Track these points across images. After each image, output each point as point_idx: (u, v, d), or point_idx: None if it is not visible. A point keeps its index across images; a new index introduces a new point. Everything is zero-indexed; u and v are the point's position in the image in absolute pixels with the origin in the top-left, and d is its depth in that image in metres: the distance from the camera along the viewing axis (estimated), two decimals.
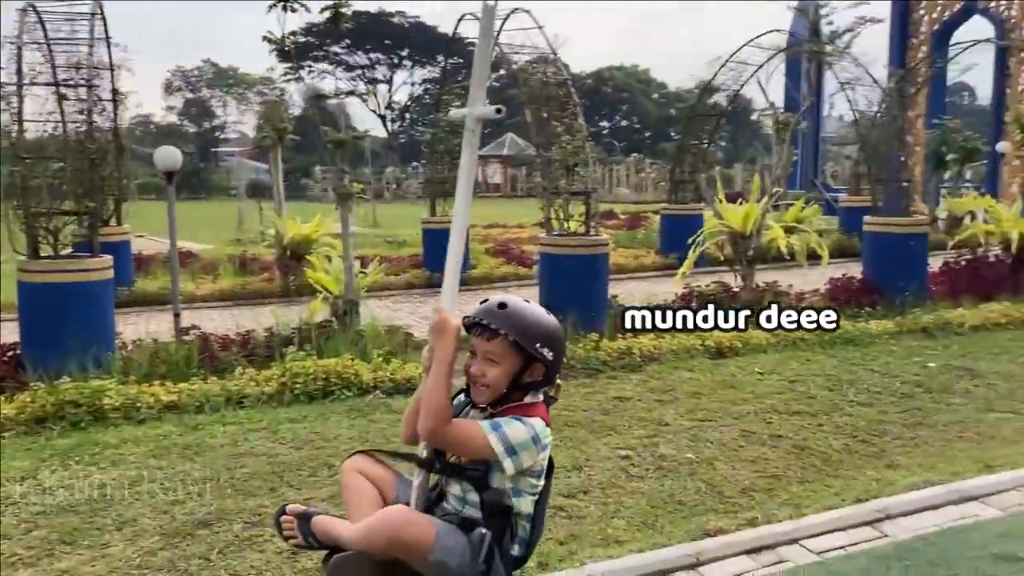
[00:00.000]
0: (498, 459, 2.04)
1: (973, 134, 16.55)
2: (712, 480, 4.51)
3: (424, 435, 2.10)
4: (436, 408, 2.05)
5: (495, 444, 2.03)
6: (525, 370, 2.16)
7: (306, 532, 2.21)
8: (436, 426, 2.05)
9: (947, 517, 3.57)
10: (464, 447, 2.07)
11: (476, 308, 2.25)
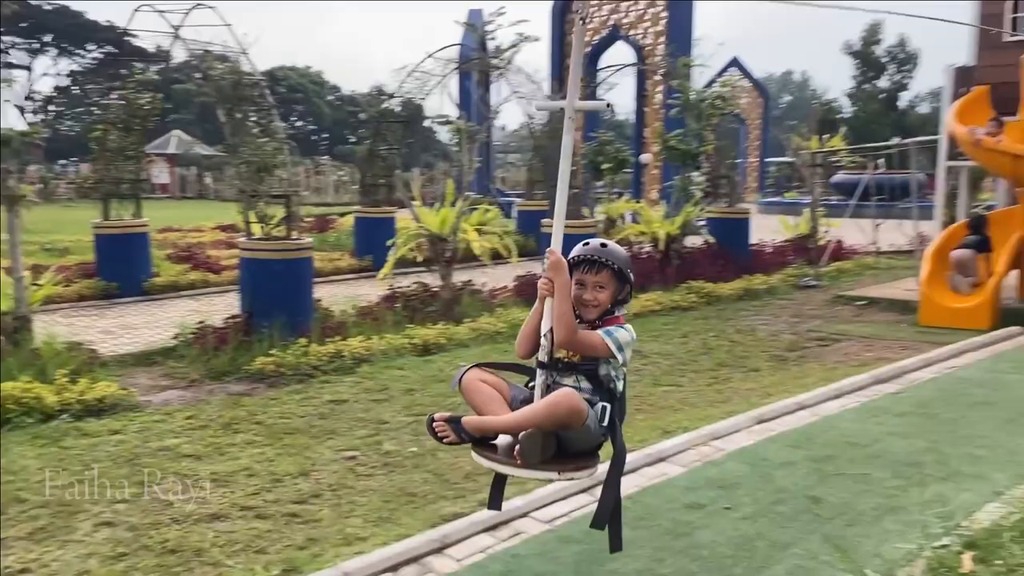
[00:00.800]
0: (613, 355, 2.71)
1: (622, 146, 18.77)
2: (438, 470, 4.75)
3: (561, 343, 2.71)
4: (568, 322, 2.70)
5: (611, 345, 2.70)
6: (621, 292, 2.83)
7: (458, 431, 2.72)
8: (570, 335, 2.69)
9: (645, 478, 4.14)
10: (589, 349, 2.72)
11: (579, 250, 2.84)
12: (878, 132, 43.65)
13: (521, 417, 2.66)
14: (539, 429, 2.59)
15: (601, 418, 2.70)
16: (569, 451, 2.68)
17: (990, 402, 5.33)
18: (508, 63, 14.56)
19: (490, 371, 2.90)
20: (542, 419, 2.60)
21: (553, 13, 23.95)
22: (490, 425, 2.74)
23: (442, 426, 2.77)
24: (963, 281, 9.12)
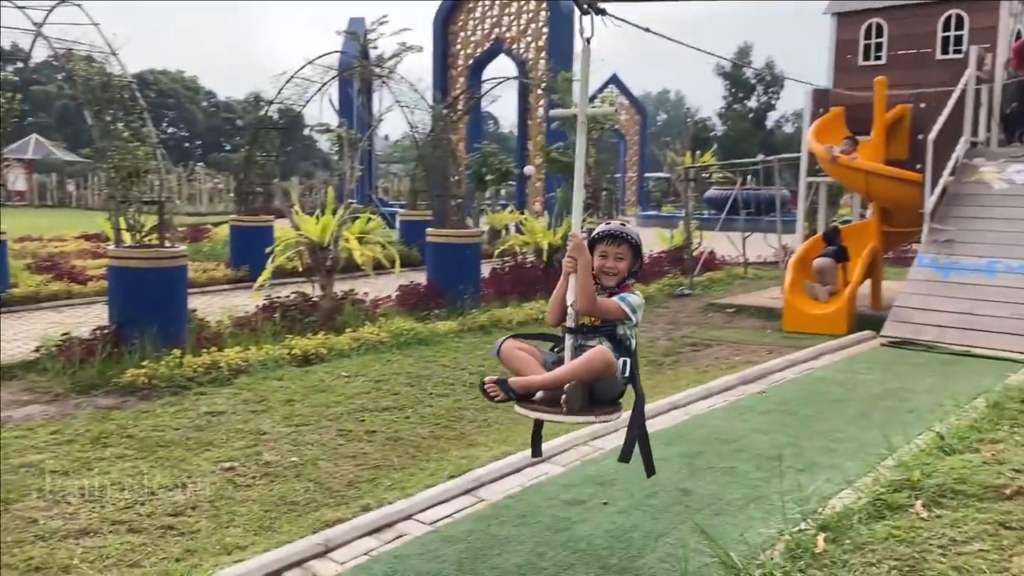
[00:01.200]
0: (628, 317, 3.23)
1: (506, 157, 19.07)
2: (319, 479, 4.70)
3: (583, 310, 3.22)
4: (589, 292, 3.20)
5: (626, 308, 3.22)
6: (635, 263, 3.36)
7: (506, 389, 3.14)
8: (591, 303, 3.20)
9: (527, 477, 4.24)
10: (608, 313, 3.22)
11: (603, 228, 3.37)
12: (747, 150, 45.94)
13: (562, 373, 3.14)
14: (579, 381, 3.07)
15: (623, 371, 3.20)
16: (598, 400, 3.19)
17: (844, 399, 5.72)
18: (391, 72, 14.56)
19: (522, 340, 3.41)
20: (581, 373, 3.10)
21: (435, 24, 24.06)
22: (534, 382, 3.19)
23: (492, 387, 3.19)
24: (822, 289, 9.73)
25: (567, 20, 21.31)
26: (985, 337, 7.80)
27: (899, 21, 10.94)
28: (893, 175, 9.72)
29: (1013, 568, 2.88)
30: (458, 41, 23.93)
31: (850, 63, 11.37)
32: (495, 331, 9.24)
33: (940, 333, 8.07)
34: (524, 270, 11.60)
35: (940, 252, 8.88)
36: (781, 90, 51.95)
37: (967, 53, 10.11)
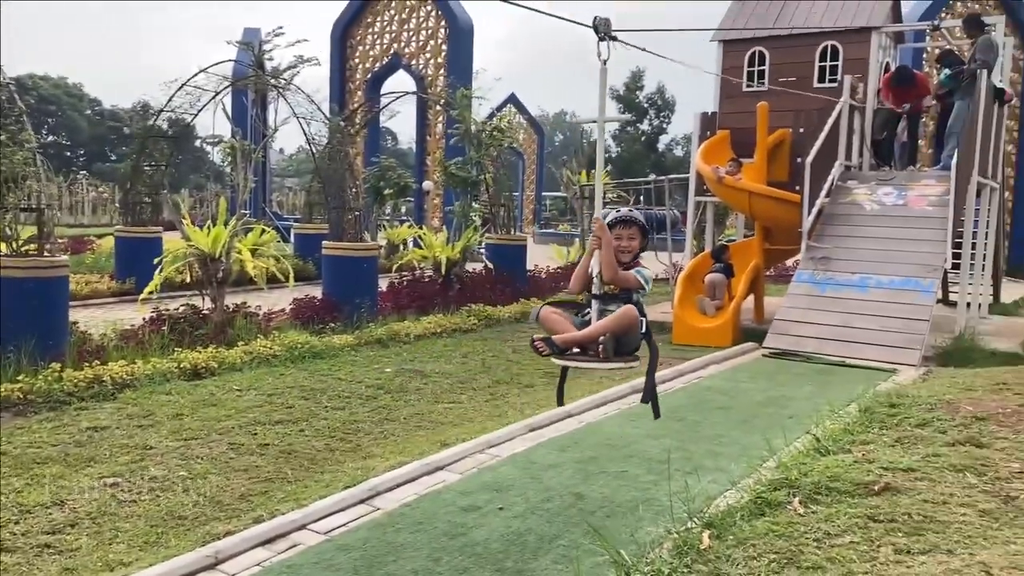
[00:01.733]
0: (642, 286, 3.92)
1: (405, 172, 19.04)
2: (209, 492, 4.58)
3: (607, 280, 3.88)
4: (612, 265, 3.86)
5: (641, 279, 3.91)
6: (644, 242, 4.06)
7: (551, 344, 3.79)
8: (613, 273, 3.86)
9: (423, 486, 4.25)
10: (626, 282, 3.89)
11: (615, 215, 4.05)
12: (640, 171, 47.26)
13: (598, 328, 3.84)
14: (612, 335, 3.79)
15: (641, 327, 3.92)
16: (621, 352, 3.89)
17: (729, 407, 5.98)
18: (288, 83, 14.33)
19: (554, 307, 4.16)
20: (614, 327, 3.80)
21: (333, 37, 23.86)
22: (575, 337, 3.87)
23: (540, 344, 3.85)
24: (709, 304, 10.13)
25: (466, 37, 21.53)
26: (857, 348, 8.29)
27: (780, 51, 11.54)
28: (774, 195, 10.23)
29: (880, 558, 3.08)
30: (356, 55, 23.80)
31: (735, 89, 11.91)
32: (392, 345, 9.20)
33: (818, 345, 8.52)
34: (422, 284, 11.60)
35: (817, 268, 9.39)
36: (672, 114, 53.76)
37: (841, 82, 10.77)
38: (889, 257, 9.22)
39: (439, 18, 22.01)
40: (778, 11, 11.92)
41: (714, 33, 12.14)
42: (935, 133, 11.67)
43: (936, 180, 10.07)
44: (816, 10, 11.56)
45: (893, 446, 4.28)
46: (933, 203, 9.66)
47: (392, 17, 23.08)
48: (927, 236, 9.32)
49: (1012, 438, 4.29)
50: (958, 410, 4.84)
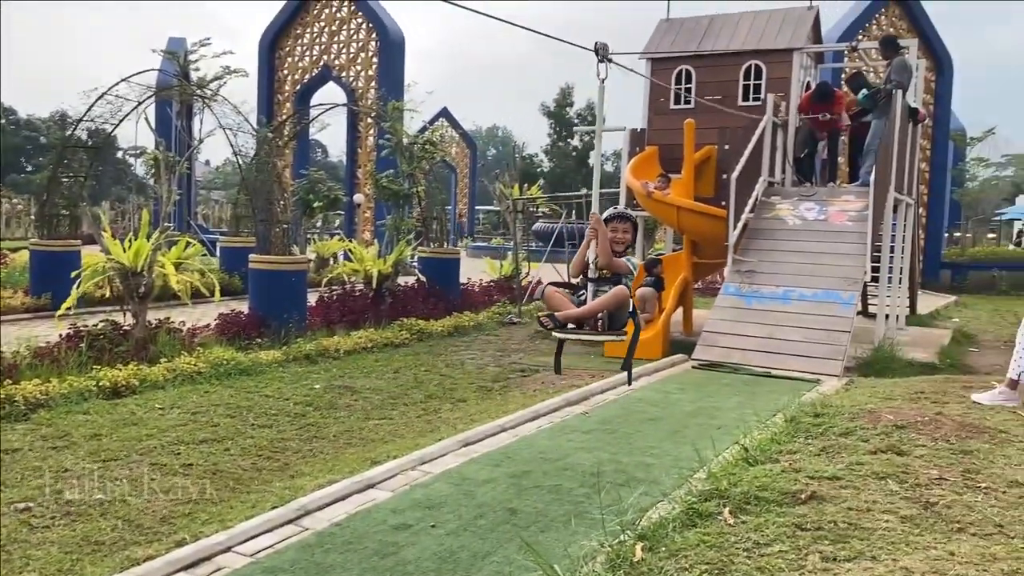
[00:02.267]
0: (631, 271, 4.61)
1: (335, 185, 18.78)
2: (128, 516, 4.40)
3: (603, 265, 4.53)
4: (607, 252, 4.51)
5: (630, 266, 4.60)
6: (634, 235, 4.79)
7: (554, 320, 4.43)
8: (609, 259, 4.51)
9: (354, 504, 4.17)
10: (618, 268, 4.55)
11: (611, 211, 4.83)
12: (571, 185, 47.70)
13: (596, 305, 4.54)
14: (607, 311, 4.52)
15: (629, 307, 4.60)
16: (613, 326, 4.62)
17: (660, 418, 6.04)
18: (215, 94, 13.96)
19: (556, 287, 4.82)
20: (609, 305, 4.52)
21: (261, 48, 23.48)
22: (574, 313, 4.56)
23: (545, 319, 4.53)
24: (640, 317, 10.24)
25: (397, 50, 21.42)
26: (782, 359, 8.49)
27: (705, 69, 11.81)
28: (701, 210, 10.44)
29: (808, 565, 3.13)
30: (285, 66, 23.46)
31: (663, 106, 12.13)
32: (321, 361, 9.04)
33: (744, 356, 8.70)
34: (353, 298, 11.44)
35: (743, 282, 9.60)
36: None
37: (765, 100, 11.08)
38: (811, 270, 9.49)
39: (370, 30, 21.86)
40: (703, 30, 12.20)
41: (641, 51, 12.36)
42: (849, 151, 12.07)
43: (855, 196, 10.42)
44: (740, 30, 11.88)
45: (818, 455, 4.37)
46: (853, 218, 9.99)
47: (322, 28, 22.83)
48: (847, 250, 9.63)
49: (930, 445, 4.44)
50: (879, 419, 4.98)
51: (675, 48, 12.11)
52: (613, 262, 4.83)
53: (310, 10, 22.99)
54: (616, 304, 4.74)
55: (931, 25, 21.77)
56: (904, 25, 21.66)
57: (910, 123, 11.25)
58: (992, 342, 11.93)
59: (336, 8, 22.65)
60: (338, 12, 22.63)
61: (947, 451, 4.32)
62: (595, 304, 4.76)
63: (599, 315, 4.76)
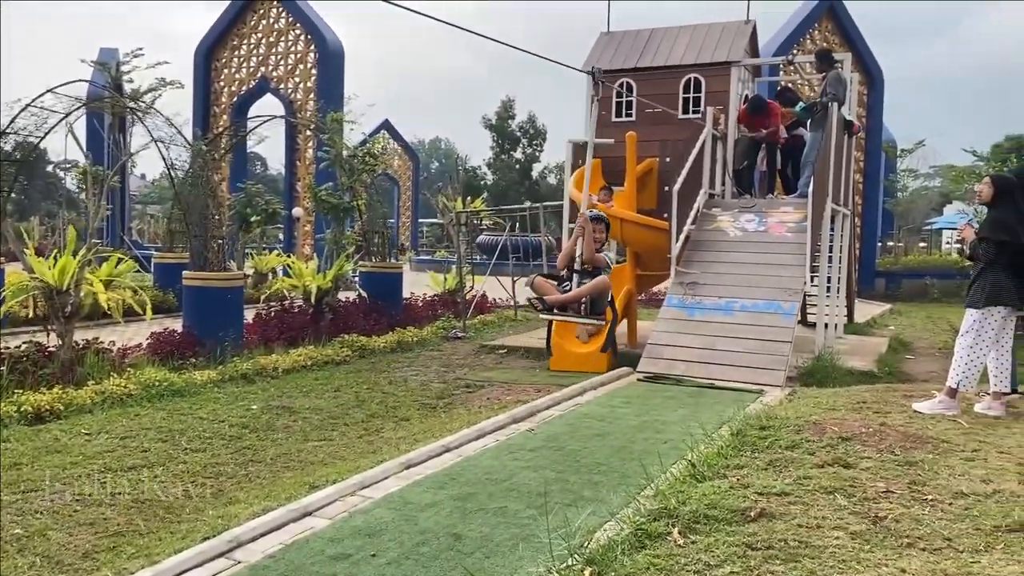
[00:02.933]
0: (609, 265, 6.35)
1: (273, 198, 18.39)
2: (48, 552, 4.14)
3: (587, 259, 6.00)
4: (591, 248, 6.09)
5: (609, 260, 6.29)
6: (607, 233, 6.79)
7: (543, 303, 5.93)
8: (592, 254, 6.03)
9: (290, 534, 3.97)
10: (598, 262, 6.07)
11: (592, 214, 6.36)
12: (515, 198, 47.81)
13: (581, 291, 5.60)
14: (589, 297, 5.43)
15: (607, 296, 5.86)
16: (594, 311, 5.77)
17: (606, 433, 5.96)
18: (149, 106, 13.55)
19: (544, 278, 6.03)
20: (593, 292, 5.54)
21: (197, 58, 22.97)
22: (561, 298, 5.71)
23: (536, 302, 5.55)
24: (583, 330, 10.18)
25: (337, 61, 21.16)
26: (726, 370, 8.51)
27: (646, 82, 11.88)
28: (644, 222, 10.45)
29: None
30: (222, 78, 22.98)
31: (605, 119, 12.16)
32: (258, 380, 8.77)
33: (687, 367, 8.69)
34: (291, 315, 11.15)
35: (685, 293, 9.62)
36: (544, 143, 54.72)
37: (704, 113, 11.17)
38: (752, 281, 9.56)
39: (308, 41, 21.56)
40: (644, 44, 12.29)
41: (583, 63, 12.38)
42: (782, 163, 12.23)
43: (794, 208, 10.56)
44: (679, 44, 11.99)
45: (766, 469, 4.33)
46: (792, 229, 10.11)
47: (259, 39, 22.44)
48: (787, 261, 9.73)
49: (876, 457, 4.43)
50: (824, 431, 4.97)
51: (616, 61, 12.16)
52: (595, 256, 6.31)
53: (247, 21, 22.60)
54: (598, 291, 6.17)
55: (863, 40, 22.39)
56: (837, 40, 22.22)
57: (845, 135, 11.46)
58: (927, 349, 12.20)
59: (274, 19, 22.31)
60: (276, 23, 22.29)
61: (893, 463, 4.31)
62: (581, 290, 6.18)
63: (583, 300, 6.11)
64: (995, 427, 5.34)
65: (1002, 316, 5.70)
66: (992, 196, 5.97)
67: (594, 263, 6.27)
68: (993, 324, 5.69)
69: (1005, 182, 5.99)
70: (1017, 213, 5.82)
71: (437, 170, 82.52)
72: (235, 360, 9.22)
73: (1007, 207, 5.86)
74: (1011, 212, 5.83)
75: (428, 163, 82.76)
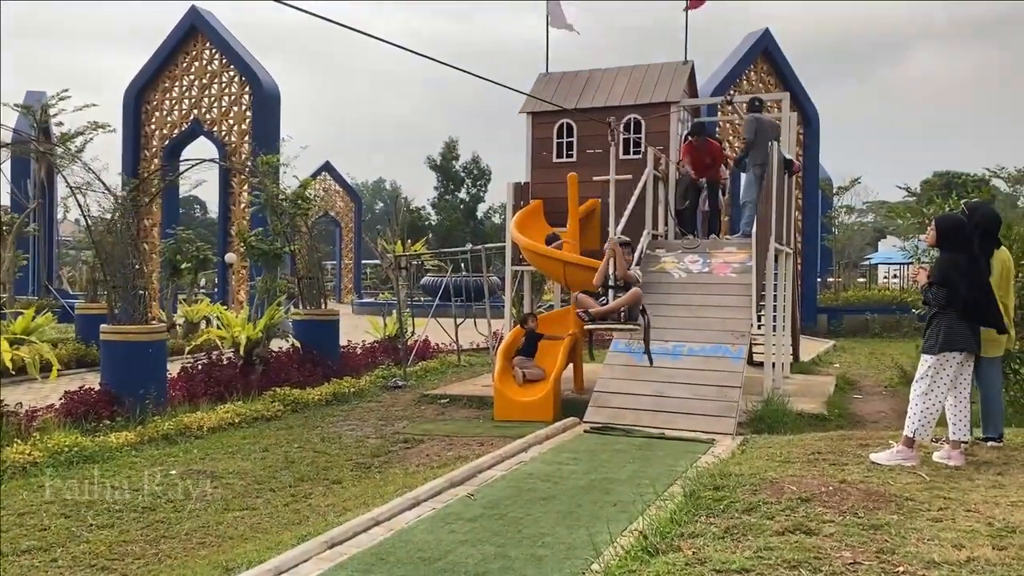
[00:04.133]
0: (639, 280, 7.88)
1: (204, 244, 17.73)
2: None
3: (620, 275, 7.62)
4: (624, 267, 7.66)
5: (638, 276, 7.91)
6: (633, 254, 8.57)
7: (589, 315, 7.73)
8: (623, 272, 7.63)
9: None
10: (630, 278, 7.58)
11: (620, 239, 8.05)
12: (459, 238, 47.49)
13: (619, 303, 7.26)
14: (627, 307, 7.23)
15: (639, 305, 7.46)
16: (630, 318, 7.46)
17: (552, 496, 5.57)
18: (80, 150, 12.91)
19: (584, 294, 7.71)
20: (629, 303, 7.26)
21: (127, 100, 22.29)
22: (603, 310, 7.39)
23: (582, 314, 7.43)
24: (519, 372, 9.78)
25: (272, 103, 20.71)
26: (674, 418, 8.21)
27: (586, 123, 11.72)
28: (588, 264, 10.15)
29: None
30: (152, 120, 22.31)
31: (546, 159, 11.95)
32: (181, 441, 8.17)
33: (636, 417, 8.37)
34: (219, 367, 10.54)
35: (632, 338, 9.33)
36: (488, 183, 54.67)
37: (645, 154, 11.02)
38: (699, 324, 9.33)
39: (243, 83, 21.07)
40: (583, 84, 12.15)
41: (523, 105, 12.18)
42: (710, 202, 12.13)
43: (737, 247, 10.41)
44: (618, 85, 11.87)
45: (723, 538, 3.98)
46: (736, 270, 9.93)
47: (192, 82, 21.87)
48: (733, 302, 9.53)
49: (838, 520, 4.12)
50: (782, 490, 4.66)
51: (556, 102, 11.99)
52: (627, 274, 7.58)
53: (179, 62, 22.05)
54: (633, 301, 7.44)
55: (797, 80, 22.80)
56: (772, 80, 22.59)
57: (786, 174, 11.42)
58: (873, 387, 12.11)
59: (207, 60, 21.79)
60: (209, 64, 21.78)
61: (857, 527, 4.00)
62: (619, 301, 7.45)
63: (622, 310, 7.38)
64: (957, 479, 5.10)
65: (958, 362, 5.50)
66: (937, 238, 5.81)
67: (627, 279, 7.50)
68: (949, 371, 5.48)
69: (947, 223, 5.83)
70: (966, 253, 5.66)
71: (381, 210, 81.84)
72: (156, 419, 8.62)
73: (955, 249, 5.69)
74: (959, 253, 5.66)
75: (372, 204, 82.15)
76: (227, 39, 21.28)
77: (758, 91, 21.59)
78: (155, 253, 20.74)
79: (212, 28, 21.36)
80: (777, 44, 22.65)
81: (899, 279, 37.43)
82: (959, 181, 31.98)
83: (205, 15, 21.51)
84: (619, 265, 7.48)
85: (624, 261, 7.59)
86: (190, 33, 21.74)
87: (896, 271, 38.83)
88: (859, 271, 38.19)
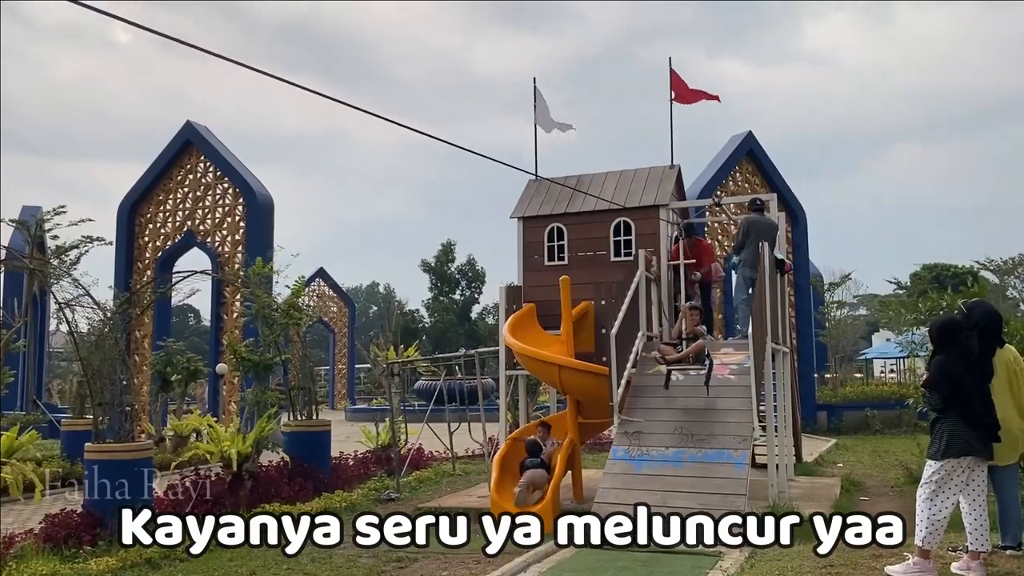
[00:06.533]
0: (705, 334, 10.27)
1: (195, 356, 17.58)
2: None
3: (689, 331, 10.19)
4: (693, 324, 10.19)
5: (704, 329, 10.36)
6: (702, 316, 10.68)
7: (666, 360, 9.93)
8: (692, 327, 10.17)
9: None
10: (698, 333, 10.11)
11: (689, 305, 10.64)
12: (454, 340, 47.44)
13: (691, 350, 9.64)
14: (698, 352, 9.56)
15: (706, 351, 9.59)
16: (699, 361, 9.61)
17: None
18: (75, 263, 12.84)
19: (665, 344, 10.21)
20: (697, 350, 9.59)
21: (120, 214, 22.52)
22: (678, 356, 9.75)
23: (660, 358, 9.77)
24: (529, 496, 9.50)
25: (266, 213, 20.93)
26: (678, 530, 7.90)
27: (577, 227, 11.81)
28: (583, 368, 10.03)
29: None
30: (146, 233, 22.49)
31: (537, 263, 11.98)
32: (165, 565, 7.82)
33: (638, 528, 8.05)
34: (209, 482, 10.19)
35: (631, 444, 9.12)
36: (483, 284, 55.01)
37: (636, 255, 11.05)
38: (699, 429, 9.13)
39: (236, 195, 21.34)
40: (572, 189, 12.29)
41: (514, 209, 12.30)
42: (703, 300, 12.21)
43: (734, 348, 10.31)
44: (607, 189, 12.02)
45: None
46: (734, 371, 9.80)
47: (186, 194, 22.15)
48: (733, 405, 9.35)
49: None
50: None
51: (546, 207, 12.11)
52: (695, 329, 9.83)
53: (174, 175, 22.38)
54: (699, 350, 9.49)
55: (782, 179, 23.23)
56: (758, 180, 23.01)
57: (778, 273, 11.44)
58: (880, 488, 11.81)
59: (201, 173, 22.14)
60: (203, 177, 22.11)
61: None
62: (690, 349, 9.55)
63: (691, 356, 9.39)
64: None
65: (967, 467, 5.32)
66: (932, 342, 5.74)
67: (695, 334, 9.80)
68: (957, 478, 5.29)
69: (941, 328, 5.76)
70: (962, 356, 5.56)
71: (375, 314, 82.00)
72: (139, 542, 8.25)
73: (950, 352, 5.60)
74: (955, 356, 5.56)
75: (366, 308, 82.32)
76: (221, 152, 21.67)
77: (744, 192, 21.98)
78: (146, 365, 20.53)
79: (206, 142, 21.78)
80: (760, 145, 23.18)
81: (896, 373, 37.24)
82: (948, 273, 32.26)
83: (200, 129, 21.97)
84: (689, 323, 9.90)
85: (692, 320, 9.88)
86: (185, 147, 22.15)
87: (893, 365, 38.67)
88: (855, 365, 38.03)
